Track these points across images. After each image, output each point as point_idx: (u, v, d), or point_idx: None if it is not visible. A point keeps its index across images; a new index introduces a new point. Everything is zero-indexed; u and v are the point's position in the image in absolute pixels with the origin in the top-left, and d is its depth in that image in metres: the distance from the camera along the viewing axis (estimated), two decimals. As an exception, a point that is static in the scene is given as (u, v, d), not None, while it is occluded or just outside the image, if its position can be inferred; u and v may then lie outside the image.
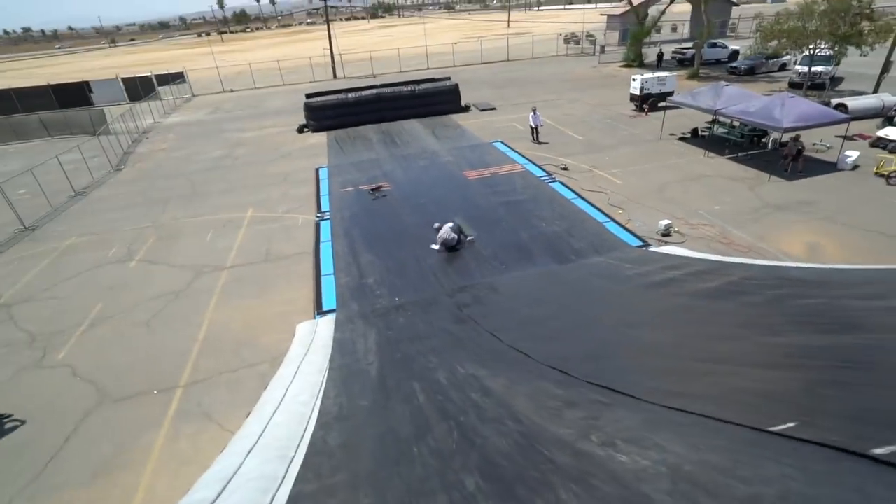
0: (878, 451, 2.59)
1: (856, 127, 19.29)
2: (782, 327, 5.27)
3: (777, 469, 2.64)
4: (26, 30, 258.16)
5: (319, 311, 11.39)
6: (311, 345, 9.42)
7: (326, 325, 10.37)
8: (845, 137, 17.87)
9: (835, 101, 22.02)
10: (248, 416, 7.21)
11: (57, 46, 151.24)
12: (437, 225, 13.69)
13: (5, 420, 9.26)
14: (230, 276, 13.69)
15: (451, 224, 13.54)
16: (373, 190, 18.31)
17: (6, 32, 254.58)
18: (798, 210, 14.47)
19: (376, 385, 6.81)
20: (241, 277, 13.52)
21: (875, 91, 23.76)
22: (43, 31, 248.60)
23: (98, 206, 19.96)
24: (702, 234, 13.48)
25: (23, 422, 9.23)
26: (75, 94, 42.04)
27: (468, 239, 13.88)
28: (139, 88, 43.31)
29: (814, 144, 18.45)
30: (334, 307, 11.38)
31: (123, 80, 44.74)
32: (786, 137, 17.74)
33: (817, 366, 4.00)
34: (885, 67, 23.97)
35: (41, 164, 21.38)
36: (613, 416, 3.84)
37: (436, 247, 13.49)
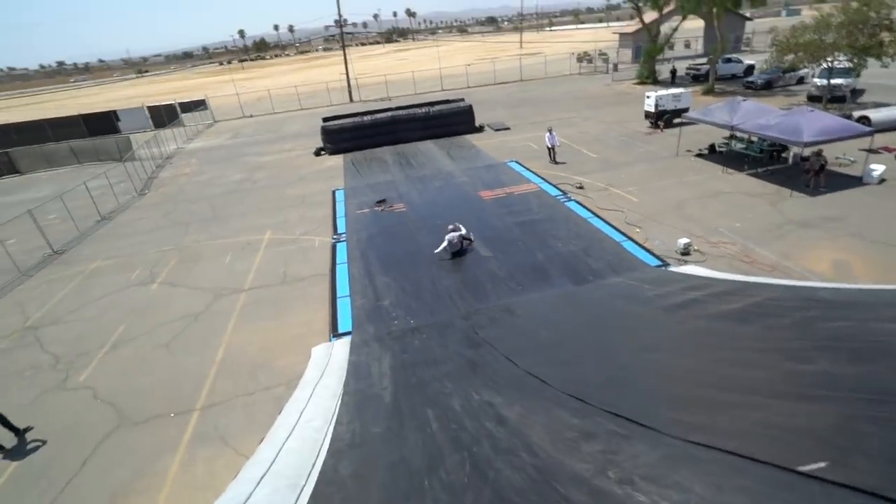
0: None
1: (880, 139, 18.80)
2: (810, 353, 5.04)
3: (809, 515, 2.46)
4: (60, 63, 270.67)
5: (335, 333, 11.36)
6: (326, 368, 9.38)
7: (342, 347, 10.33)
8: (870, 151, 17.42)
9: (857, 113, 21.56)
10: (261, 441, 7.16)
11: (72, 80, 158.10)
12: (451, 226, 14.43)
13: (27, 435, 9.41)
14: (248, 298, 13.81)
15: (462, 232, 14.34)
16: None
17: (42, 66, 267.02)
18: (823, 226, 14.05)
19: (390, 411, 6.71)
20: (259, 299, 13.63)
21: (899, 102, 23.21)
22: (75, 64, 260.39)
23: (123, 229, 20.47)
24: (723, 253, 13.16)
25: (44, 442, 9.34)
26: (104, 123, 43.67)
27: (469, 242, 14.73)
28: (163, 116, 44.81)
29: (836, 158, 18.00)
30: (350, 329, 11.35)
31: (149, 108, 46.33)
32: (807, 152, 17.36)
33: (850, 398, 3.78)
34: (909, 78, 23.44)
35: (70, 189, 22.10)
36: (632, 451, 3.67)
37: (441, 247, 14.17)
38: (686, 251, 13.14)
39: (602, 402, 4.92)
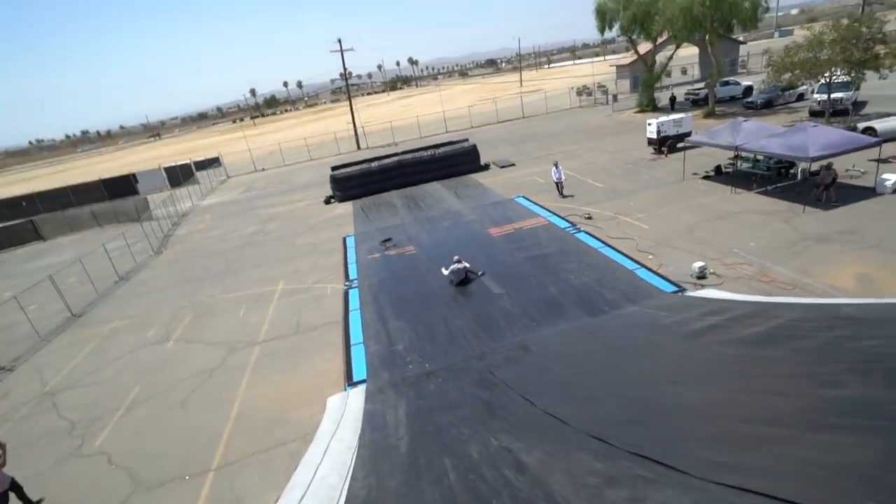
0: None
1: (889, 149, 18.55)
2: (843, 377, 4.75)
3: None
4: (84, 132, 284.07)
5: (350, 382, 11.15)
6: (342, 420, 9.16)
7: (357, 396, 10.11)
8: (880, 161, 17.17)
9: (862, 125, 21.41)
10: (276, 502, 6.91)
11: (80, 150, 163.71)
12: (455, 257, 15.15)
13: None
14: (262, 350, 13.71)
15: (465, 265, 15.04)
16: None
17: (67, 136, 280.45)
18: (841, 240, 13.69)
19: (406, 463, 6.45)
20: (273, 351, 13.52)
21: (902, 112, 23.07)
22: (98, 132, 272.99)
23: (139, 288, 20.76)
24: (739, 274, 12.83)
25: None
26: (123, 186, 45.25)
27: (480, 274, 15.24)
28: (179, 175, 46.36)
29: (847, 171, 17.76)
30: (364, 377, 11.13)
31: (165, 169, 47.98)
32: (815, 166, 17.17)
33: (892, 427, 3.50)
34: (910, 87, 23.42)
35: (90, 252, 22.64)
36: (660, 497, 3.41)
37: (445, 272, 14.97)
38: (702, 275, 12.83)
39: (625, 442, 4.66)
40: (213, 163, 50.01)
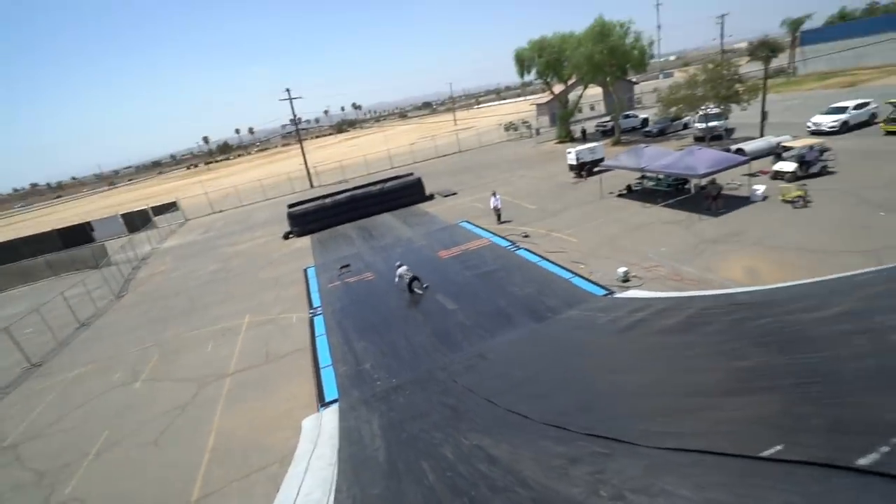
0: (862, 461, 2.49)
1: (757, 165, 20.72)
2: (746, 350, 5.24)
3: (780, 497, 2.49)
4: (34, 185, 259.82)
5: (322, 402, 10.80)
6: (318, 439, 8.84)
7: (331, 415, 9.81)
8: (750, 175, 19.09)
9: (734, 147, 23.77)
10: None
11: (19, 204, 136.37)
12: (397, 263, 16.22)
13: None
14: (233, 382, 13.00)
15: (405, 266, 15.90)
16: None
17: (15, 189, 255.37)
18: (730, 241, 15.04)
19: (386, 470, 6.34)
20: (244, 382, 12.85)
21: (761, 135, 25.91)
22: (48, 184, 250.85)
23: (103, 332, 19.13)
24: (656, 275, 13.74)
25: None
26: (78, 234, 41.65)
27: (425, 287, 15.69)
28: (136, 221, 43.45)
29: (727, 184, 19.61)
30: (336, 397, 10.82)
31: (123, 215, 44.82)
32: (704, 181, 18.85)
33: (787, 385, 3.94)
34: (763, 116, 26.44)
35: (47, 302, 20.66)
36: (616, 467, 3.62)
37: (397, 279, 15.85)
38: (626, 278, 13.62)
39: (581, 426, 4.87)
40: (170, 207, 47.30)
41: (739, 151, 22.65)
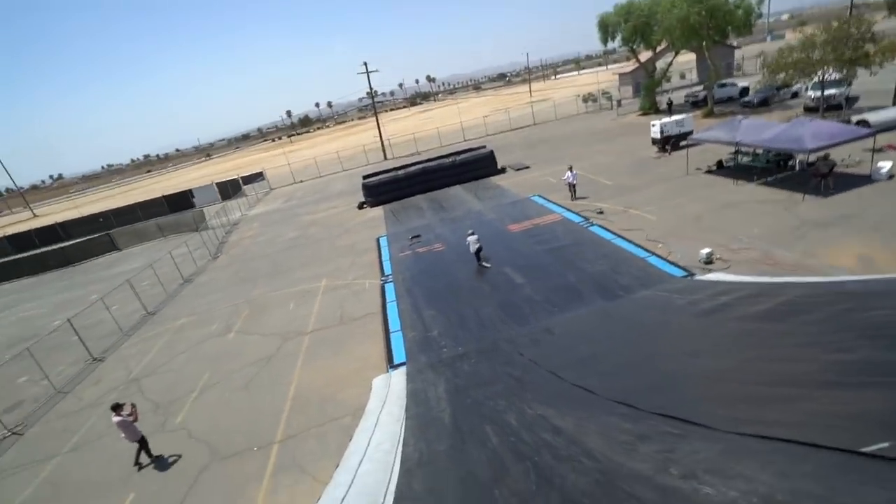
0: None
1: (883, 139, 17.92)
2: (851, 343, 4.72)
3: (882, 494, 2.28)
4: (146, 156, 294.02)
5: (391, 364, 11.39)
6: (387, 397, 9.39)
7: (399, 377, 10.34)
8: (874, 150, 16.61)
9: (855, 118, 20.71)
10: (337, 467, 7.15)
11: (148, 170, 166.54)
12: (469, 231, 16.35)
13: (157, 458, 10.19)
14: (311, 339, 14.09)
15: (476, 236, 15.97)
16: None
17: (132, 160, 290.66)
18: (840, 225, 13.32)
19: (451, 431, 6.62)
20: (321, 340, 13.88)
21: (894, 104, 22.19)
22: (157, 155, 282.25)
23: (201, 289, 21.47)
24: (745, 258, 12.61)
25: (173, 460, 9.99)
26: (181, 201, 46.70)
27: (488, 266, 15.70)
28: (229, 189, 47.55)
29: (842, 161, 17.23)
30: (404, 360, 11.36)
31: (217, 184, 49.28)
32: (812, 157, 16.71)
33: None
34: (901, 81, 22.53)
35: (158, 259, 23.49)
36: (689, 448, 3.49)
37: (472, 248, 15.88)
38: (709, 260, 12.66)
39: (651, 406, 4.73)
40: (257, 177, 51.14)
41: (862, 123, 19.71)
